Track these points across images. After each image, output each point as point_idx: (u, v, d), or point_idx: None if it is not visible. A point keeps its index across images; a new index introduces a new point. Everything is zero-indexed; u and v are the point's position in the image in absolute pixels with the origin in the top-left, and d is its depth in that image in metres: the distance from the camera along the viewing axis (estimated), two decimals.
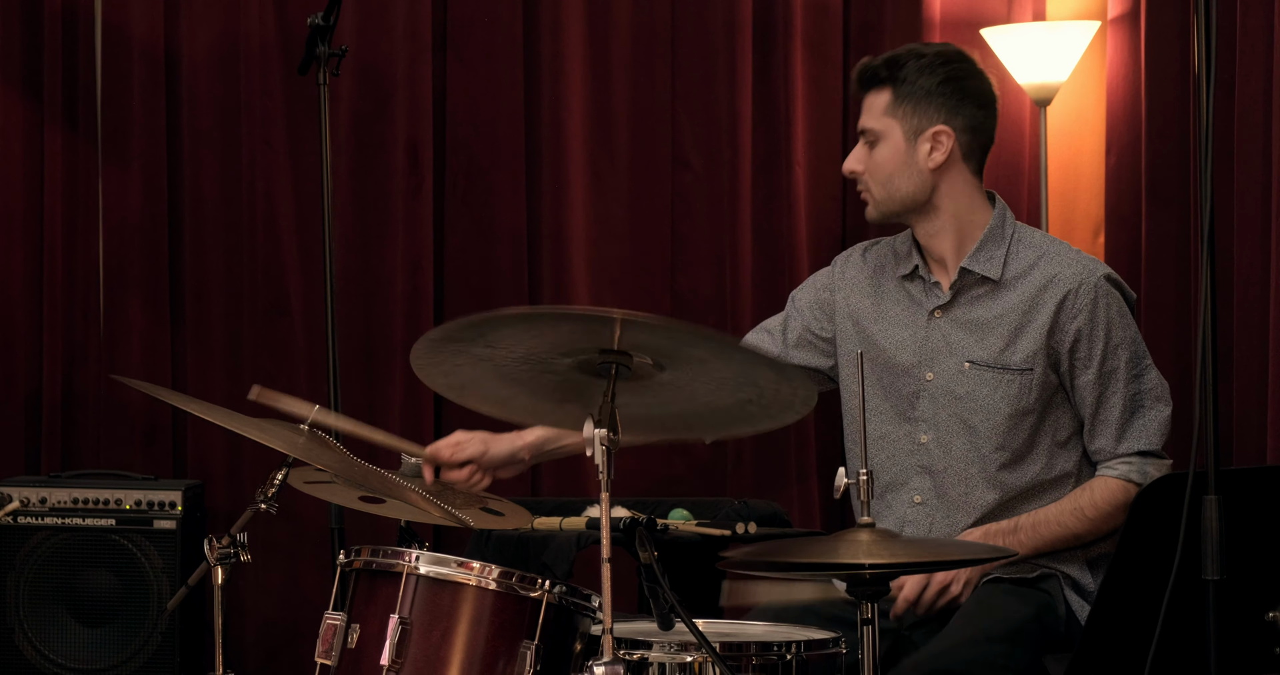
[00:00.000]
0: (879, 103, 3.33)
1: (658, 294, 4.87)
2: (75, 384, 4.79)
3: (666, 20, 4.88)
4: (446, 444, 3.36)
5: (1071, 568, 3.30)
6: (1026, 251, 3.32)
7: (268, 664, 4.79)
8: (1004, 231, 3.33)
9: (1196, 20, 2.68)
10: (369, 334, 4.82)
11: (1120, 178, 4.71)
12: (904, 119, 3.31)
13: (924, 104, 3.30)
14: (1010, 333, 3.27)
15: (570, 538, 3.98)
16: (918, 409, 3.33)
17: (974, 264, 3.30)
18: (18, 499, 4.42)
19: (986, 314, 3.30)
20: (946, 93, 3.31)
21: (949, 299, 3.33)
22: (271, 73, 4.80)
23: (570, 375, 2.70)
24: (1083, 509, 3.26)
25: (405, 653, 2.68)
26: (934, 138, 3.30)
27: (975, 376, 3.28)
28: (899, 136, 3.31)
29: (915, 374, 3.34)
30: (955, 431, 3.29)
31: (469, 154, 4.86)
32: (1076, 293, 3.25)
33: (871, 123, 3.34)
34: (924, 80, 3.30)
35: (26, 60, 4.77)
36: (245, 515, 2.87)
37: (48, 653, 4.39)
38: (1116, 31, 4.74)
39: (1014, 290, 3.29)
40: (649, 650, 2.77)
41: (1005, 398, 3.26)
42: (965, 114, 3.32)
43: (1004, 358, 3.27)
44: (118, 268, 4.81)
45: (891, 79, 3.32)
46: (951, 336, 3.32)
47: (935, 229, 3.34)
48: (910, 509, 3.32)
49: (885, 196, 3.34)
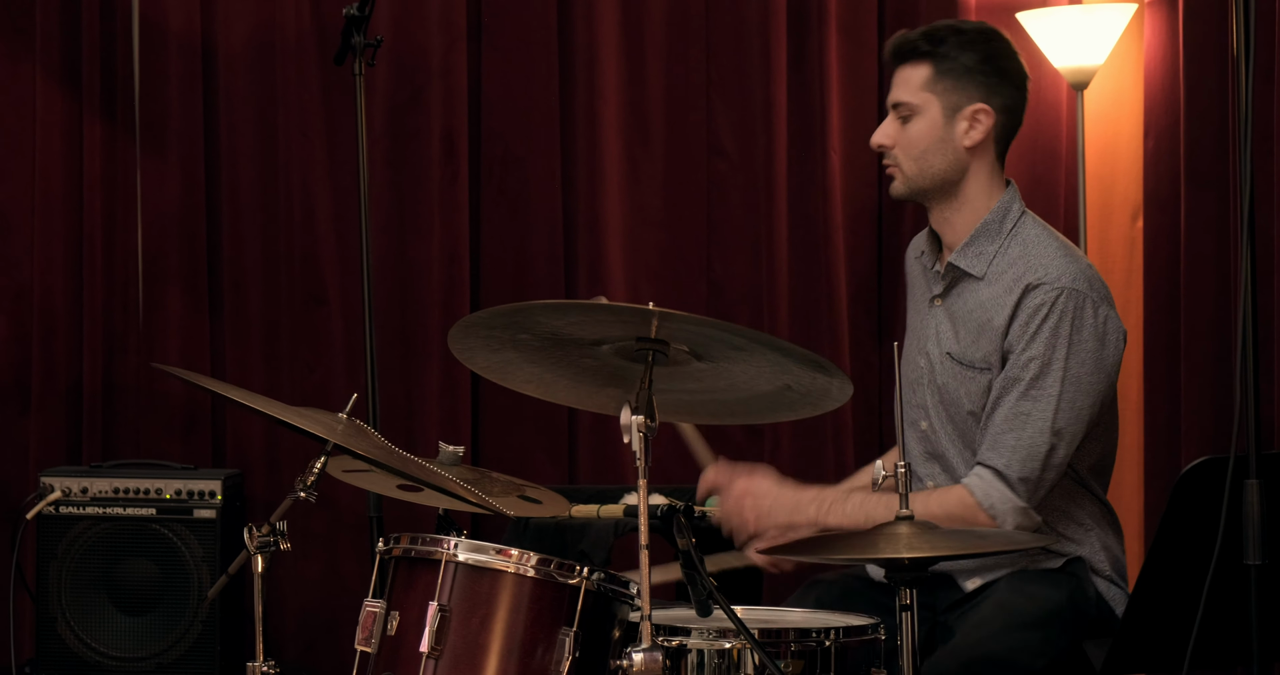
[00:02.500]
0: (917, 76, 3.24)
1: (693, 282, 4.86)
2: (115, 374, 4.81)
3: (701, 7, 4.87)
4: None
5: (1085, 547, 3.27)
6: (1015, 249, 3.21)
7: (307, 652, 4.81)
8: (1001, 227, 3.23)
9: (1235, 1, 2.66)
10: (406, 323, 4.84)
11: (1159, 161, 4.68)
12: (943, 94, 3.23)
13: (964, 80, 3.22)
14: (976, 330, 3.20)
15: (608, 525, 3.98)
16: (918, 395, 3.30)
17: (960, 259, 3.23)
18: (59, 489, 4.44)
19: (964, 307, 3.23)
20: (988, 70, 3.23)
21: (944, 287, 3.29)
22: (307, 64, 4.81)
23: (610, 360, 2.71)
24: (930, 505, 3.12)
25: (445, 639, 2.68)
26: (973, 116, 3.22)
27: (950, 369, 3.24)
28: (937, 112, 3.23)
29: (918, 361, 3.31)
30: (944, 419, 3.26)
31: (504, 143, 4.86)
32: (1031, 295, 3.13)
33: (908, 96, 3.25)
34: (965, 56, 3.23)
35: (65, 53, 4.79)
36: (285, 504, 2.88)
37: (89, 641, 4.42)
38: (1153, 13, 4.72)
39: (991, 287, 3.20)
40: (687, 637, 2.77)
41: (967, 394, 3.21)
42: (1004, 94, 3.25)
43: (968, 353, 3.21)
44: (156, 258, 4.83)
45: (932, 53, 3.23)
46: (940, 326, 3.27)
47: (950, 212, 3.27)
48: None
49: (917, 172, 3.25)
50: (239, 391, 2.99)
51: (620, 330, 2.64)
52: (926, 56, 3.24)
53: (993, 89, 3.24)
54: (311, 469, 2.90)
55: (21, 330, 4.79)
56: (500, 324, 2.68)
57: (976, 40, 3.26)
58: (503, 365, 2.83)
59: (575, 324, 2.65)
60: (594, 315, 2.63)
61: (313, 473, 2.89)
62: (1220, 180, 4.40)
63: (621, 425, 2.55)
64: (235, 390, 3.00)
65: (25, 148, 4.80)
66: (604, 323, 2.63)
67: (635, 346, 2.64)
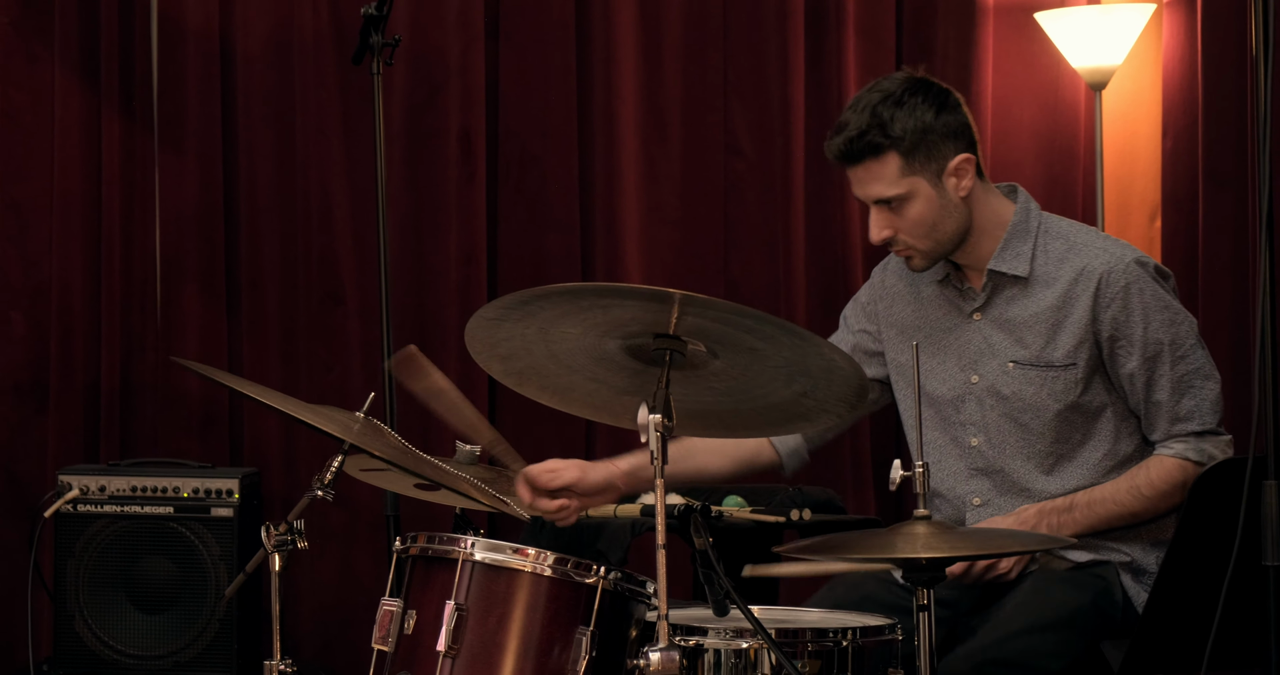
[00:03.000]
0: (888, 169, 3.17)
1: (711, 281, 4.86)
2: (133, 373, 4.82)
3: (718, 6, 4.87)
4: (542, 469, 3.23)
5: (1133, 550, 3.28)
6: (1054, 243, 3.24)
7: (323, 650, 4.82)
8: (1029, 226, 3.25)
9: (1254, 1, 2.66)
10: (423, 322, 4.84)
11: (1177, 161, 4.67)
12: (923, 169, 3.16)
13: (933, 143, 3.16)
14: (1049, 329, 3.22)
15: (624, 525, 3.98)
16: (963, 413, 3.30)
17: (1000, 264, 3.23)
18: (77, 487, 4.45)
19: (1023, 313, 3.25)
20: (943, 121, 3.17)
21: (984, 300, 3.28)
22: (325, 62, 4.81)
23: (627, 364, 2.70)
24: (1139, 487, 3.22)
25: (461, 639, 2.68)
26: (957, 170, 3.18)
27: (1020, 376, 3.24)
28: (926, 187, 3.18)
29: (960, 378, 3.30)
30: (1007, 431, 3.26)
31: (521, 142, 4.86)
32: (1107, 281, 3.18)
33: (891, 191, 3.17)
34: (918, 121, 3.15)
35: (84, 52, 4.80)
36: (302, 502, 2.88)
37: (107, 639, 4.43)
38: (1172, 14, 4.71)
39: (1048, 286, 3.22)
40: (704, 636, 2.77)
41: (1052, 394, 3.22)
42: (960, 128, 3.19)
43: (1046, 355, 3.22)
44: (174, 257, 4.84)
45: (890, 142, 3.15)
46: (992, 338, 3.27)
47: (970, 245, 3.25)
48: (970, 511, 3.30)
49: (933, 246, 3.22)
50: (257, 387, 3.00)
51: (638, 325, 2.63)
52: (887, 148, 3.16)
53: (953, 132, 3.18)
54: (329, 468, 2.90)
55: (40, 328, 4.81)
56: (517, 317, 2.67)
57: (915, 101, 3.17)
58: (519, 371, 2.83)
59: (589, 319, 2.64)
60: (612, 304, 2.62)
61: (330, 472, 2.90)
62: (1238, 180, 4.40)
63: (639, 424, 2.55)
64: (253, 386, 3.00)
65: (44, 146, 4.81)
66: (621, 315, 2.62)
67: (653, 345, 2.63)
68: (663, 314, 2.58)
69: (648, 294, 2.58)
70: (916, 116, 3.15)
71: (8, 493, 4.79)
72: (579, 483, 3.20)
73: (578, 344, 2.71)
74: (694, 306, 2.54)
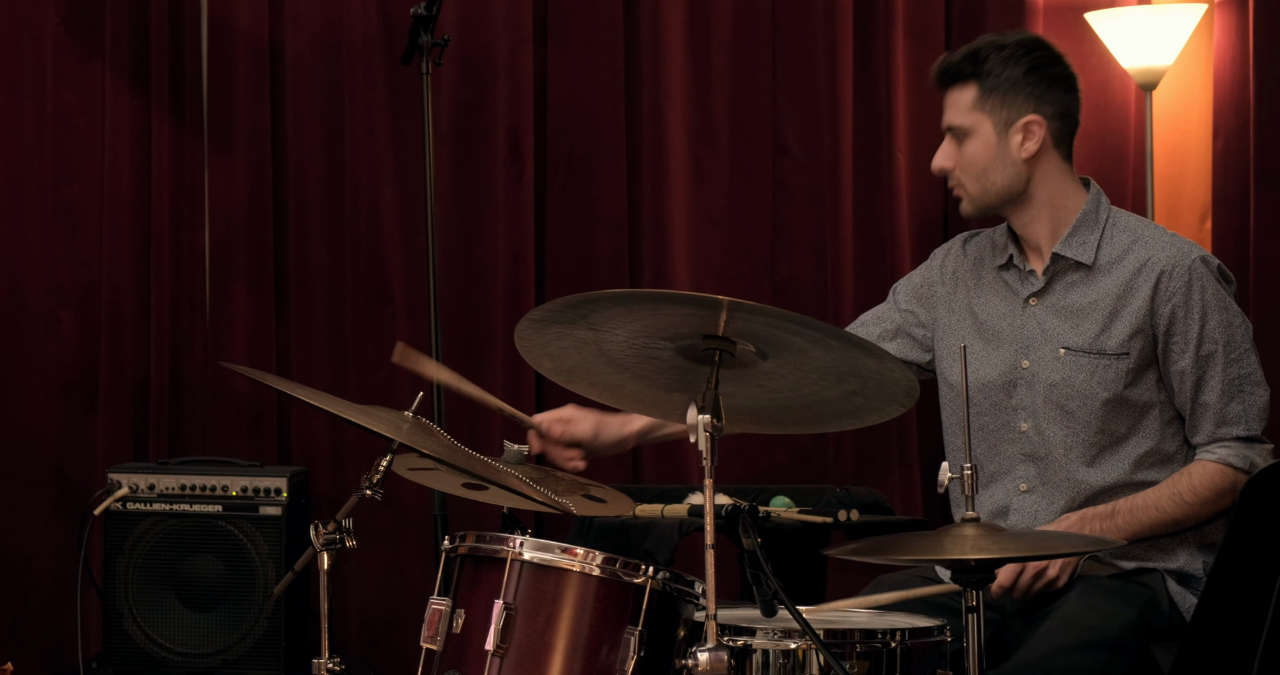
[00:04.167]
0: (964, 98, 3.30)
1: (758, 282, 4.85)
2: (182, 372, 4.84)
3: (767, 6, 4.86)
4: (557, 418, 3.35)
5: (1181, 556, 3.26)
6: (1121, 236, 3.29)
7: (370, 649, 4.83)
8: (1098, 216, 3.31)
9: None
10: (471, 322, 4.85)
11: (1227, 162, 4.65)
12: (993, 112, 3.28)
13: (1012, 95, 3.28)
14: (1106, 317, 3.24)
15: (672, 525, 3.98)
16: (1015, 397, 3.31)
17: (1066, 249, 3.28)
18: (127, 485, 4.47)
19: (1081, 299, 3.27)
20: (1033, 81, 3.28)
21: (1043, 285, 3.30)
22: (374, 63, 4.83)
23: (676, 362, 2.71)
24: (1181, 494, 3.22)
25: (510, 638, 2.69)
26: (1025, 128, 3.28)
27: (1071, 362, 3.25)
28: (989, 130, 3.29)
29: (1012, 362, 3.31)
30: (1053, 418, 3.27)
31: (569, 142, 4.87)
32: (1170, 275, 3.22)
33: (959, 119, 3.31)
34: (1009, 71, 3.28)
35: (134, 53, 4.82)
36: (351, 501, 2.88)
37: (155, 637, 4.45)
38: (1223, 14, 4.68)
39: (1109, 275, 3.26)
40: (752, 637, 2.77)
41: (1102, 383, 3.23)
42: (1053, 101, 3.30)
43: (1100, 342, 3.24)
44: (223, 256, 4.86)
45: (975, 73, 3.29)
46: (1047, 323, 3.29)
47: (1030, 217, 3.32)
48: (1016, 497, 3.30)
49: (980, 191, 3.32)
50: (306, 390, 3.00)
51: (687, 326, 2.63)
52: (971, 78, 3.30)
53: (1042, 98, 3.29)
54: (377, 467, 2.90)
55: (90, 327, 4.83)
56: (566, 320, 2.68)
57: (1019, 53, 3.30)
58: (568, 369, 2.83)
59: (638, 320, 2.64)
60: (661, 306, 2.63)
61: (379, 471, 2.90)
62: None
63: (688, 424, 2.55)
64: (302, 389, 3.01)
65: (94, 146, 4.84)
66: (670, 317, 2.63)
67: (702, 346, 2.63)
68: (712, 317, 2.58)
69: (696, 300, 2.58)
70: (1010, 66, 3.28)
71: (58, 491, 4.82)
72: (591, 442, 3.41)
73: (627, 344, 2.71)
74: (742, 311, 2.55)
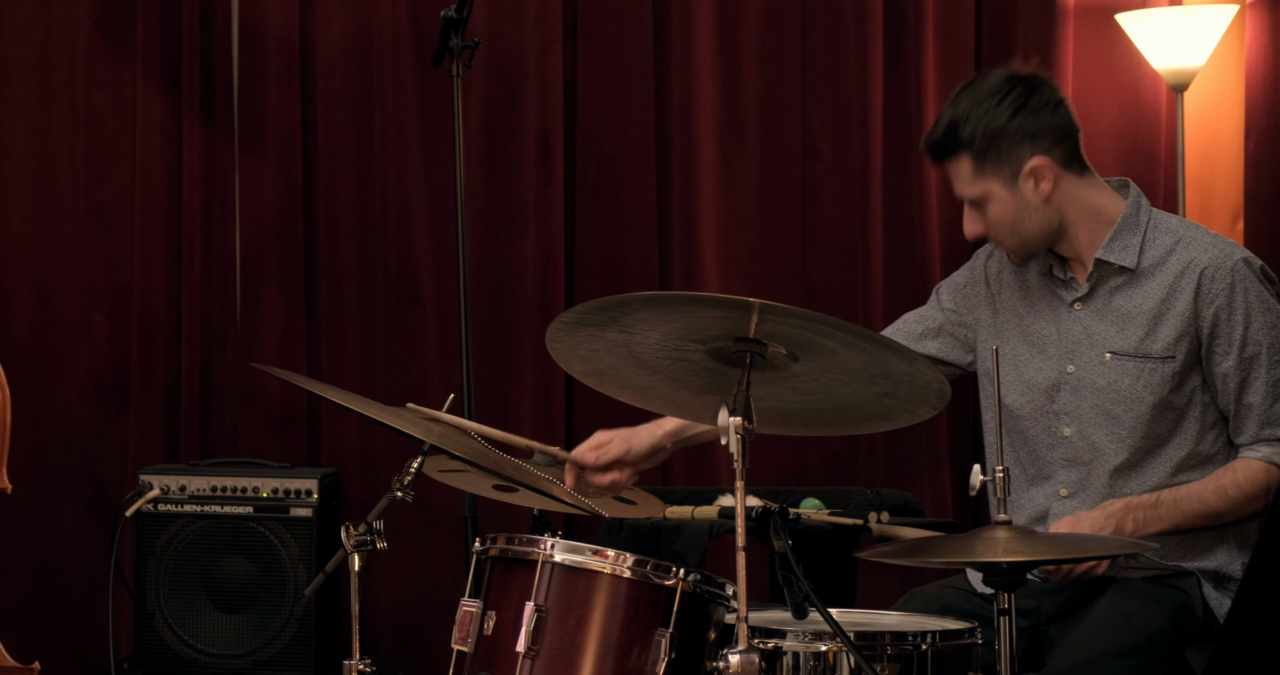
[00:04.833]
0: (963, 171, 3.22)
1: (789, 284, 4.85)
2: (213, 373, 4.86)
3: (796, 7, 4.86)
4: (589, 448, 3.30)
5: (1219, 556, 3.25)
6: (1163, 238, 3.26)
7: (401, 651, 4.84)
8: (1138, 220, 3.27)
9: None
10: (501, 324, 4.85)
11: (1259, 163, 4.63)
12: (995, 172, 3.19)
13: (1006, 148, 3.18)
14: (1151, 321, 3.22)
15: (702, 527, 3.98)
16: (1057, 402, 3.29)
17: (1109, 254, 3.25)
18: (158, 487, 4.49)
19: (1126, 304, 3.25)
20: (1018, 125, 3.18)
21: (1087, 290, 3.28)
22: (404, 65, 4.83)
23: (707, 364, 2.70)
24: (1225, 487, 3.20)
25: (541, 640, 2.69)
26: (1033, 173, 3.20)
27: (1117, 367, 3.24)
28: (1000, 190, 3.20)
29: (1056, 367, 3.30)
30: (1098, 423, 3.25)
31: (599, 144, 4.87)
32: (1213, 276, 3.19)
33: (967, 190, 3.23)
34: (992, 126, 3.17)
35: (165, 55, 4.84)
36: (382, 503, 2.89)
37: (187, 638, 4.46)
38: (1255, 14, 4.66)
39: (1152, 278, 3.23)
40: (783, 639, 2.77)
41: (1148, 387, 3.21)
42: (1046, 131, 3.20)
43: (1145, 346, 3.22)
44: (254, 258, 4.87)
45: (961, 144, 3.20)
46: (1092, 328, 3.27)
47: (1071, 238, 3.27)
48: (1057, 502, 3.29)
49: (1020, 244, 3.26)
50: (337, 392, 3.01)
51: (718, 329, 2.63)
52: (959, 150, 3.20)
53: (1034, 136, 3.19)
54: (408, 469, 2.91)
55: (121, 329, 4.85)
56: (598, 322, 2.68)
57: (992, 104, 3.19)
58: (599, 371, 2.83)
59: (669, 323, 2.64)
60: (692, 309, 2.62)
61: (409, 472, 2.91)
62: None
63: (719, 427, 2.55)
64: (333, 391, 3.01)
65: (126, 149, 4.86)
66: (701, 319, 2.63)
67: (733, 348, 2.63)
68: (743, 319, 2.58)
69: (727, 302, 2.58)
70: (990, 119, 3.18)
71: (89, 492, 4.84)
72: (627, 455, 3.32)
73: (659, 346, 2.71)
74: (773, 314, 2.54)
